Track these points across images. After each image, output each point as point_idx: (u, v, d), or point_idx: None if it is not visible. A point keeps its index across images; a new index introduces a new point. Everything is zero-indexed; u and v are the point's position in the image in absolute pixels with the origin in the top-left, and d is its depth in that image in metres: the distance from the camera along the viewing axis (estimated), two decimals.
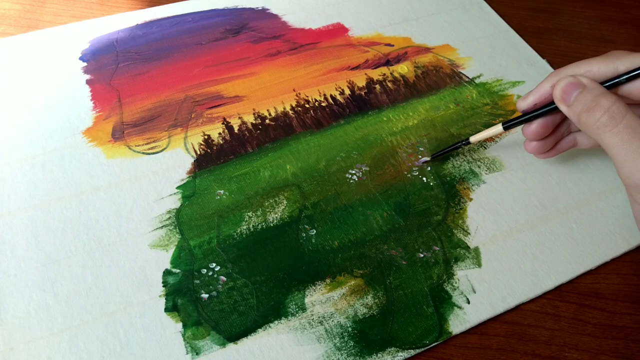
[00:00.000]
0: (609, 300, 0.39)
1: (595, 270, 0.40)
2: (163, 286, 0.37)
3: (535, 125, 0.38)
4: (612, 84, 0.34)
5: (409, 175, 0.44)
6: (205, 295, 0.37)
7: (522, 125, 0.40)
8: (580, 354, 0.36)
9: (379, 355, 0.35)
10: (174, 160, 0.44)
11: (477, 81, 0.52)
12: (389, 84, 0.51)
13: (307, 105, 0.49)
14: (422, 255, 0.39)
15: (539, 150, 0.40)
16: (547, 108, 0.37)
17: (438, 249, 0.40)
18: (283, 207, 0.41)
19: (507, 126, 0.39)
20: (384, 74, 0.52)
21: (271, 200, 0.42)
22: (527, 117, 0.38)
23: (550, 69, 0.54)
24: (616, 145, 0.31)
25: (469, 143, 0.43)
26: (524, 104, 0.38)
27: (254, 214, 0.41)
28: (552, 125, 0.39)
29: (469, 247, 0.40)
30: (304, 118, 0.48)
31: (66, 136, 0.45)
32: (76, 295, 0.36)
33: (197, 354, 0.34)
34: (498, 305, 0.37)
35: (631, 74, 0.33)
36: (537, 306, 0.38)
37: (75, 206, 0.41)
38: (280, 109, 0.48)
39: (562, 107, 0.34)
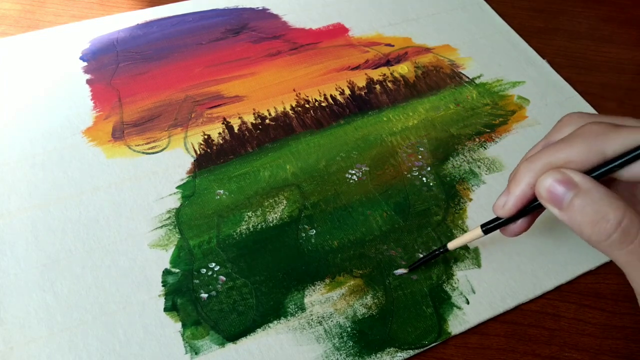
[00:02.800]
0: (609, 300, 0.39)
1: (595, 270, 0.40)
2: (162, 286, 0.37)
3: (520, 223, 0.32)
4: (602, 173, 0.27)
5: (409, 176, 0.44)
6: (204, 295, 0.37)
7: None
8: (580, 354, 0.36)
9: (378, 355, 0.35)
10: (174, 160, 0.44)
11: (477, 81, 0.52)
12: (389, 84, 0.51)
13: (307, 105, 0.49)
14: (421, 256, 0.39)
15: (517, 234, 0.33)
16: (532, 206, 0.31)
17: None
18: (283, 207, 0.41)
19: (487, 229, 0.34)
20: (384, 74, 0.52)
21: (271, 200, 0.42)
22: (510, 220, 0.32)
23: (551, 70, 0.54)
24: (630, 264, 0.26)
25: (447, 250, 0.37)
26: (503, 212, 0.31)
27: (253, 214, 0.41)
28: (537, 214, 0.33)
29: (469, 248, 0.40)
30: (304, 118, 0.48)
31: (66, 136, 0.45)
32: (76, 295, 0.36)
33: (196, 353, 0.34)
34: (497, 305, 0.37)
35: (625, 159, 0.27)
36: (537, 306, 0.38)
37: (75, 206, 0.41)
38: (280, 109, 0.48)
39: (553, 211, 0.28)
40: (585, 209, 0.26)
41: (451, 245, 0.36)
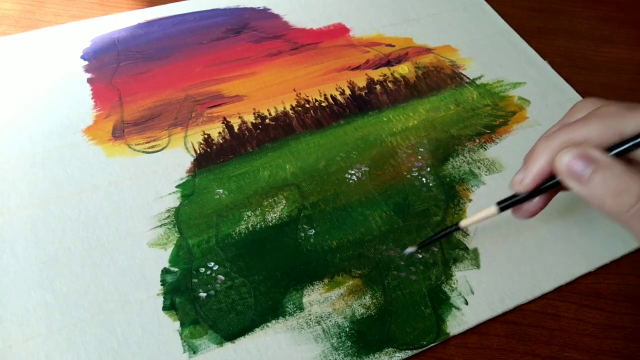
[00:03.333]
0: (609, 300, 0.39)
1: (595, 270, 0.40)
2: (161, 285, 0.37)
3: (536, 202, 0.32)
4: (620, 152, 0.28)
5: (409, 176, 0.44)
6: (203, 294, 0.37)
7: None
8: (580, 354, 0.36)
9: (376, 355, 0.35)
10: (174, 159, 0.44)
11: (477, 82, 0.52)
12: (390, 85, 0.51)
13: (307, 105, 0.49)
14: (420, 256, 0.39)
15: (531, 216, 0.33)
16: (549, 183, 0.31)
17: (437, 249, 0.40)
18: (282, 206, 0.42)
19: (503, 207, 0.33)
20: (385, 75, 0.52)
21: (270, 200, 0.42)
22: (527, 197, 0.32)
23: (552, 71, 0.53)
24: None
25: (458, 229, 0.36)
26: (521, 187, 0.31)
27: (252, 214, 0.41)
28: (551, 195, 0.33)
29: (468, 248, 0.40)
30: (304, 118, 0.48)
31: (66, 135, 0.45)
32: (75, 293, 0.36)
33: (194, 352, 0.34)
34: (496, 306, 0.37)
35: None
36: (537, 306, 0.38)
37: (75, 204, 0.41)
38: (280, 108, 0.48)
39: (573, 185, 0.28)
40: (607, 182, 0.27)
41: (463, 223, 0.35)
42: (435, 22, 0.57)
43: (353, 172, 0.44)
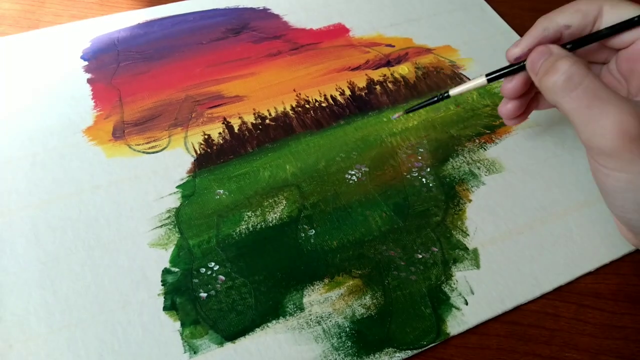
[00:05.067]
0: (609, 300, 0.39)
1: (595, 270, 0.40)
2: (162, 285, 0.37)
3: (516, 80, 0.36)
4: (591, 39, 0.33)
5: (409, 176, 0.44)
6: (203, 295, 0.37)
7: (503, 84, 0.38)
8: (580, 354, 0.36)
9: (376, 355, 0.35)
10: (174, 159, 0.44)
11: None
12: (390, 85, 0.51)
13: (307, 106, 0.49)
14: (420, 256, 0.39)
15: (513, 113, 0.39)
16: (522, 64, 0.36)
17: (437, 250, 0.40)
18: (282, 207, 0.42)
19: (491, 78, 0.37)
20: (385, 75, 0.52)
21: (270, 200, 0.42)
22: (512, 69, 0.36)
23: None
24: (574, 111, 0.30)
25: (448, 96, 0.39)
26: (513, 53, 0.35)
27: (253, 214, 0.41)
28: (533, 102, 0.39)
29: (468, 249, 0.40)
30: (304, 118, 0.48)
31: (67, 135, 0.45)
32: (75, 294, 0.36)
33: (195, 352, 0.34)
34: (496, 306, 0.37)
35: (611, 30, 0.32)
36: (537, 306, 0.38)
37: (75, 205, 0.41)
38: (280, 109, 0.48)
39: (533, 78, 0.33)
40: (545, 64, 0.31)
41: (453, 91, 0.39)
42: (435, 23, 0.57)
43: (353, 172, 0.44)
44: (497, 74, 0.36)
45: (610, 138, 0.28)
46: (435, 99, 0.39)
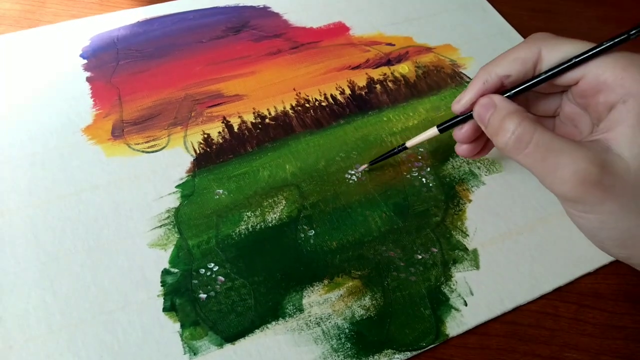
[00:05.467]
0: (609, 300, 0.39)
1: (595, 270, 0.40)
2: (161, 286, 0.37)
3: (466, 128, 0.36)
4: (533, 84, 0.33)
5: (408, 176, 0.44)
6: (203, 296, 0.37)
7: (454, 132, 0.38)
8: (580, 354, 0.36)
9: (375, 357, 0.35)
10: (174, 159, 0.44)
11: None
12: (390, 84, 0.51)
13: (307, 105, 0.48)
14: (420, 257, 0.39)
15: (469, 153, 0.38)
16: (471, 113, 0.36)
17: (436, 250, 0.40)
18: (282, 207, 0.42)
19: (442, 128, 0.38)
20: (385, 74, 0.52)
21: (270, 200, 0.42)
22: (460, 119, 0.36)
23: None
24: (531, 165, 0.30)
25: (406, 148, 0.41)
26: (458, 107, 0.35)
27: (252, 214, 0.41)
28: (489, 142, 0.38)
29: (468, 249, 0.40)
30: (304, 118, 0.47)
31: (66, 134, 0.45)
32: (75, 294, 0.36)
33: (194, 354, 0.34)
34: (496, 307, 0.38)
35: (550, 73, 0.32)
36: (537, 306, 0.38)
37: (74, 204, 0.41)
38: (280, 108, 0.48)
39: (482, 128, 0.34)
40: (494, 122, 0.32)
41: (409, 143, 0.41)
42: (436, 21, 0.57)
43: (353, 172, 0.44)
44: (448, 124, 0.37)
45: (571, 187, 0.28)
46: (395, 150, 0.42)
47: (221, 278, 0.38)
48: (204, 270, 0.38)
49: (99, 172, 0.43)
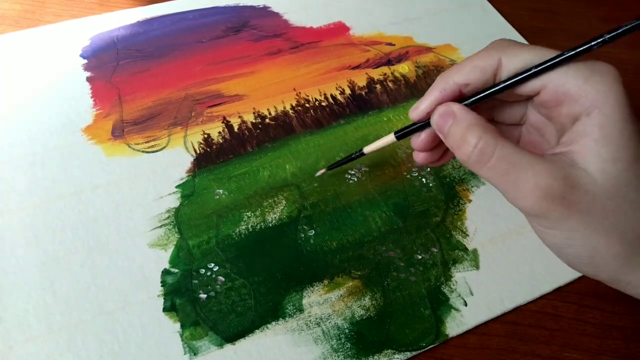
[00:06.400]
0: (609, 300, 0.39)
1: None
2: (161, 286, 0.37)
3: (423, 136, 0.34)
4: (491, 94, 0.31)
5: (408, 176, 0.44)
6: (203, 296, 0.37)
7: (412, 139, 0.36)
8: (580, 354, 0.36)
9: (375, 357, 0.35)
10: (174, 159, 0.44)
11: None
12: (390, 84, 0.51)
13: (307, 105, 0.48)
14: (420, 257, 0.39)
15: (427, 160, 0.37)
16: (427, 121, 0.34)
17: (436, 250, 0.40)
18: (282, 207, 0.42)
19: (400, 135, 0.36)
20: (385, 74, 0.52)
21: (270, 200, 0.42)
22: (418, 126, 0.34)
23: None
24: (493, 179, 0.29)
25: (363, 154, 0.39)
26: (415, 114, 0.33)
27: (252, 214, 0.41)
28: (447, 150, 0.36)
29: (467, 249, 0.40)
30: (304, 117, 0.47)
31: (66, 134, 0.45)
32: (75, 294, 0.36)
33: (194, 354, 0.34)
34: (496, 307, 0.38)
35: (507, 83, 0.30)
36: (537, 306, 0.39)
37: (74, 204, 0.41)
38: (280, 108, 0.48)
39: (441, 137, 0.32)
40: (455, 134, 0.30)
41: (367, 149, 0.39)
42: (436, 21, 0.57)
43: (353, 172, 0.44)
44: (405, 131, 0.35)
45: (533, 201, 0.28)
46: (353, 155, 0.40)
47: (221, 278, 0.38)
48: (204, 270, 0.38)
49: (99, 172, 0.43)
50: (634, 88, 0.54)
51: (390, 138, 0.37)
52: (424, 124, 0.34)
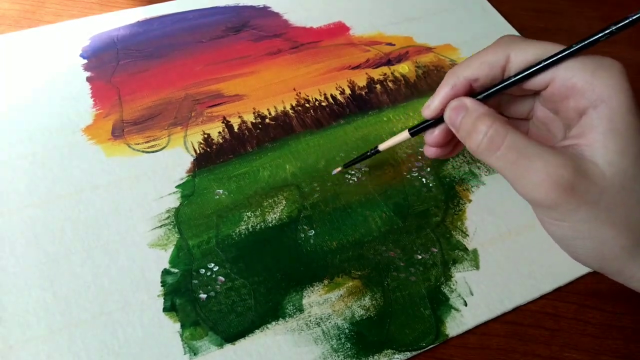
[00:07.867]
0: (609, 300, 0.39)
1: (595, 270, 0.40)
2: (161, 286, 0.37)
3: (437, 132, 0.35)
4: (500, 88, 0.32)
5: (408, 176, 0.44)
6: (203, 296, 0.37)
7: (425, 135, 0.37)
8: (580, 354, 0.36)
9: (375, 357, 0.35)
10: (174, 159, 0.44)
11: None
12: (390, 84, 0.51)
13: (307, 105, 0.48)
14: (420, 257, 0.39)
15: (438, 154, 0.37)
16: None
17: (436, 250, 0.40)
18: (282, 207, 0.42)
19: (414, 132, 0.37)
20: (385, 74, 0.52)
21: (270, 200, 0.42)
22: (433, 122, 0.35)
23: None
24: (503, 168, 0.29)
25: (378, 151, 0.40)
26: (428, 112, 0.34)
27: (252, 214, 0.41)
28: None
29: (467, 249, 0.40)
30: (304, 117, 0.47)
31: (66, 134, 0.45)
32: (75, 294, 0.36)
33: (194, 354, 0.34)
34: (495, 307, 0.38)
35: (517, 77, 0.31)
36: (537, 306, 0.39)
37: (74, 204, 0.41)
38: (280, 108, 0.48)
39: (453, 131, 0.33)
40: (466, 124, 0.31)
41: (382, 146, 0.40)
42: (436, 21, 0.57)
43: (353, 172, 0.44)
44: (419, 127, 0.36)
45: (544, 192, 0.28)
46: (368, 153, 0.41)
47: (221, 278, 0.38)
48: (204, 270, 0.38)
49: (99, 172, 0.42)
50: (634, 88, 0.54)
51: (404, 135, 0.38)
52: (437, 120, 0.35)
